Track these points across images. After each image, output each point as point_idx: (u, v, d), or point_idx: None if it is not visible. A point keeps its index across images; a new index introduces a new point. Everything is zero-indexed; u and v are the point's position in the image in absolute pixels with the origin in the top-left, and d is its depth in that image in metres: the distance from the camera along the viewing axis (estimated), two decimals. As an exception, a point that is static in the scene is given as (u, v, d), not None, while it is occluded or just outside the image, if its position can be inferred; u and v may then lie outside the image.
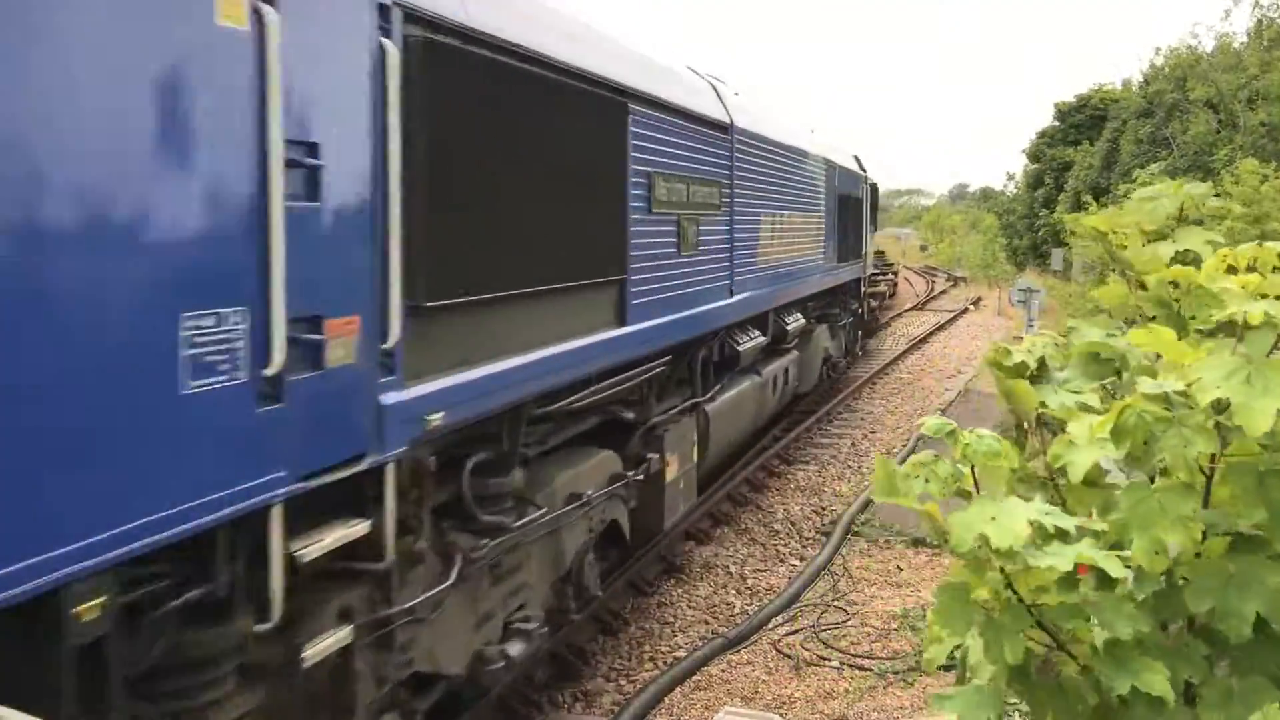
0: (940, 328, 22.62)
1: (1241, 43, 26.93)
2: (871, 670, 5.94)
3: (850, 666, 6.01)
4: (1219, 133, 25.26)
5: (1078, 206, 28.01)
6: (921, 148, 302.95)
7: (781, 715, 5.37)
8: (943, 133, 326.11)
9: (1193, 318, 1.67)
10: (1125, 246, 2.12)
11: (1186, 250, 2.03)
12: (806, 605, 6.98)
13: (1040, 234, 36.68)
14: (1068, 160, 35.18)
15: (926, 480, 1.68)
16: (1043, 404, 1.83)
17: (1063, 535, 1.56)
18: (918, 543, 7.99)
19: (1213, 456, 1.59)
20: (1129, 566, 1.58)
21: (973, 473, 1.65)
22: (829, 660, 6.11)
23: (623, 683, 5.94)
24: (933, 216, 68.57)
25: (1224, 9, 36.63)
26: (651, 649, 6.37)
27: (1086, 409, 1.80)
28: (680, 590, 7.30)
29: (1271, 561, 1.57)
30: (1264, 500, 1.56)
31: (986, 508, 1.58)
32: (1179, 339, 1.82)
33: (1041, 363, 1.98)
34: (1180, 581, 1.61)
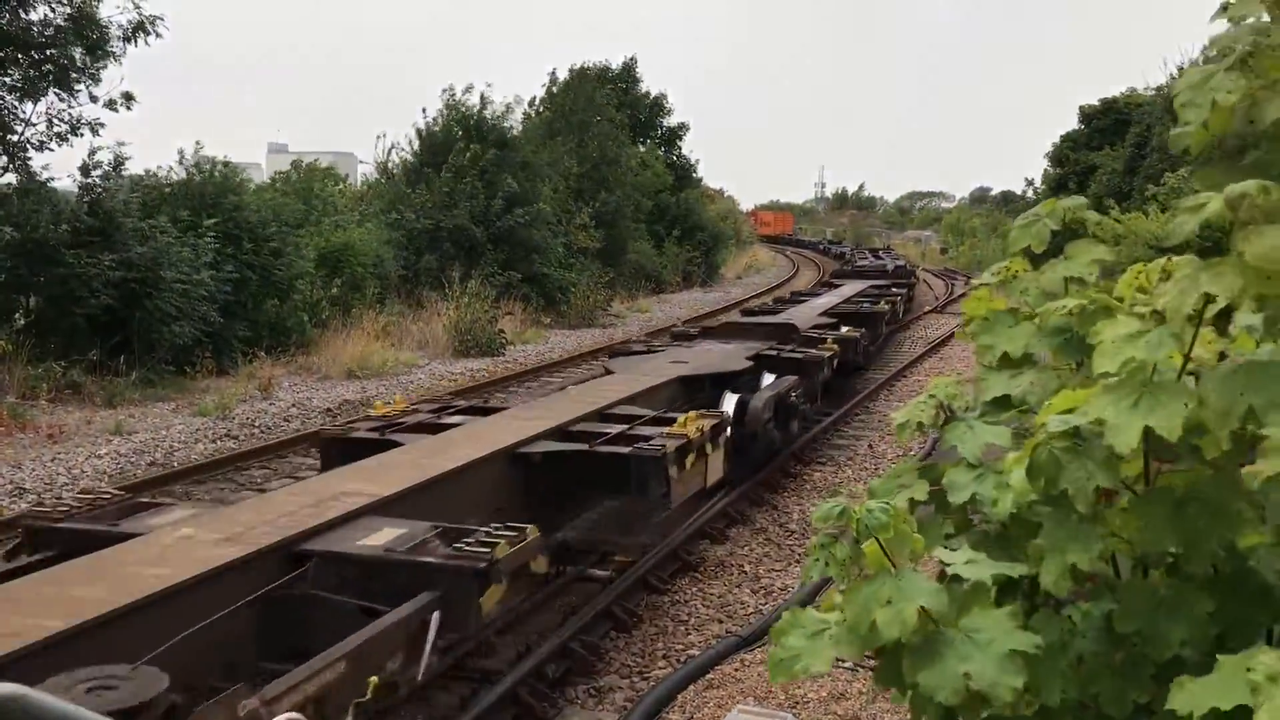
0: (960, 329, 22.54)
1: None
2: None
3: (864, 668, 6.00)
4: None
5: (1100, 211, 27.87)
6: (943, 150, 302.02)
7: (795, 715, 5.37)
8: (965, 135, 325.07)
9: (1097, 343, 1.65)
10: (1016, 275, 2.11)
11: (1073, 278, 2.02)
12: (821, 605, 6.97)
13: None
14: (1092, 164, 34.95)
15: (826, 564, 1.66)
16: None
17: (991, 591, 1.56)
18: None
19: (1146, 482, 1.59)
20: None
21: (879, 544, 1.62)
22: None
23: (636, 679, 5.95)
24: (953, 219, 68.25)
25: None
26: (665, 646, 6.38)
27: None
28: (694, 588, 7.31)
29: (1199, 589, 1.57)
30: (1176, 529, 1.55)
31: (884, 587, 1.56)
32: (1081, 365, 1.82)
33: (949, 408, 1.98)
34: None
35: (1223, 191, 1.46)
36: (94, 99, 14.69)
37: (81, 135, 14.69)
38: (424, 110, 26.07)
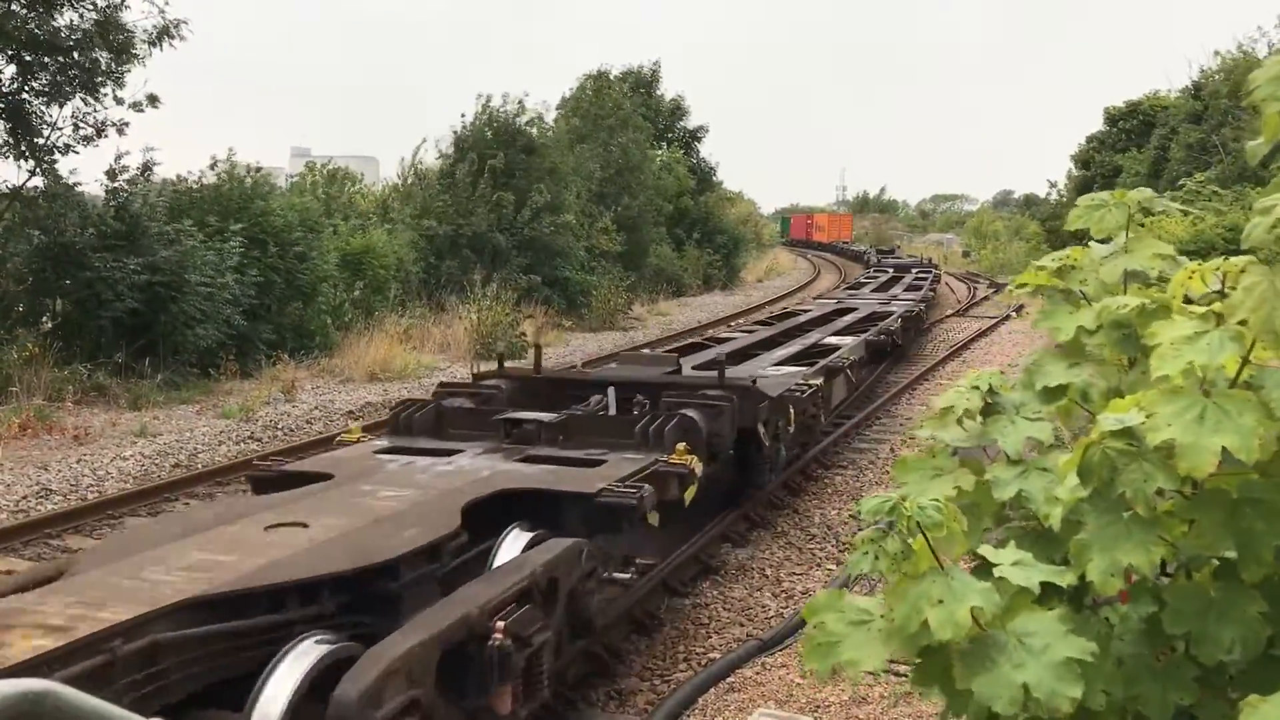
0: (982, 334, 22.40)
1: None
2: (907, 676, 5.89)
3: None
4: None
5: None
6: (966, 153, 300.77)
7: (815, 719, 5.35)
8: (988, 138, 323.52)
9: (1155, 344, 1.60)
10: (1075, 266, 2.07)
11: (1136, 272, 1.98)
12: (842, 610, 6.94)
13: (1086, 242, 36.14)
14: (1118, 166, 34.70)
15: (876, 557, 1.62)
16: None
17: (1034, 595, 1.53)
18: None
19: (1194, 484, 1.54)
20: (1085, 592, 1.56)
21: (927, 542, 1.58)
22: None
23: (657, 683, 5.95)
24: (975, 222, 67.92)
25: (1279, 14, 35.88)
26: (686, 650, 6.38)
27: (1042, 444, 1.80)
28: (715, 592, 7.30)
29: (1253, 590, 1.53)
30: (1233, 531, 1.51)
31: (935, 586, 1.54)
32: (1134, 364, 1.78)
33: (990, 392, 1.94)
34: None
35: None
36: (119, 101, 14.85)
37: (107, 137, 14.85)
38: (462, 115, 26.22)
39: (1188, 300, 1.82)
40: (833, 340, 13.28)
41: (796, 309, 19.29)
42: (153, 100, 15.12)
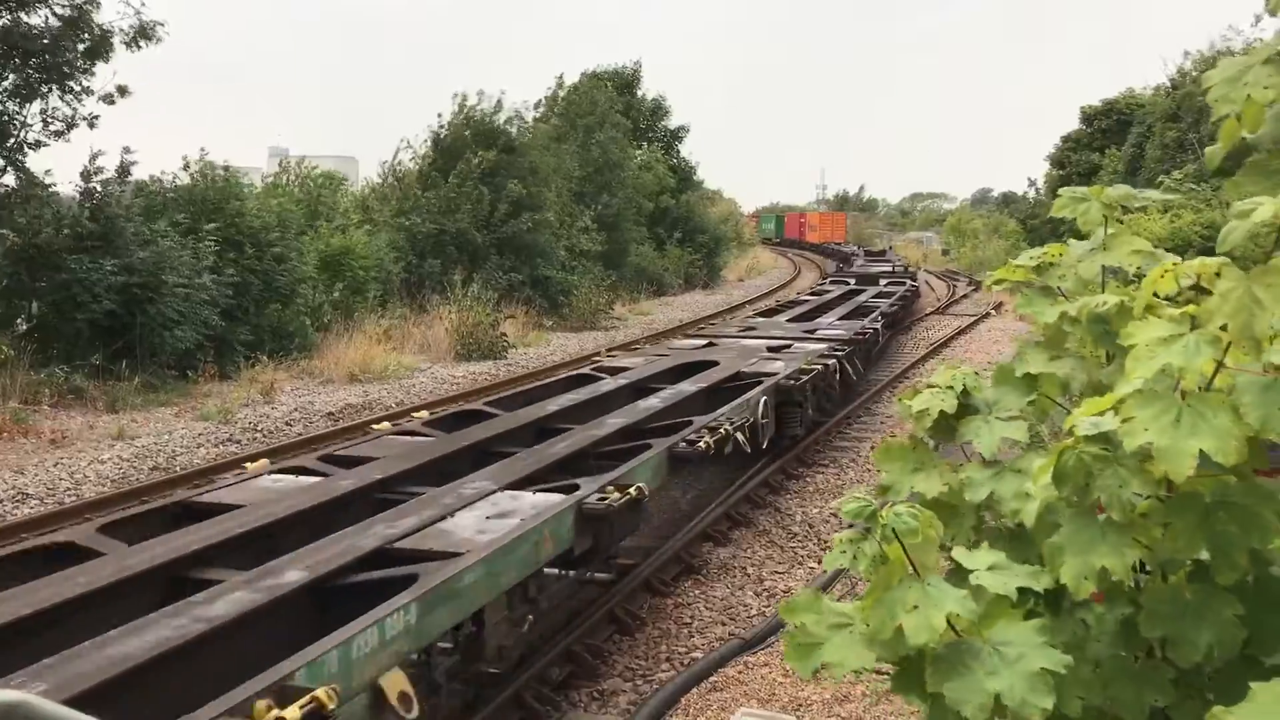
0: (961, 332, 22.51)
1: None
2: (889, 674, 5.91)
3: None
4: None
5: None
6: (945, 151, 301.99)
7: (798, 718, 5.36)
8: (967, 136, 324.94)
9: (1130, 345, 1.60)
10: (1053, 263, 2.08)
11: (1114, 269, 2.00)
12: (824, 608, 6.95)
13: (1064, 239, 36.28)
14: (1095, 165, 34.91)
15: (854, 558, 1.62)
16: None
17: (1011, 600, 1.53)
18: None
19: (1169, 486, 1.54)
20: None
21: (903, 548, 1.58)
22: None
23: (639, 682, 5.95)
24: (954, 220, 68.17)
25: (1254, 14, 36.14)
26: (668, 649, 6.38)
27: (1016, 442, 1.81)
28: (698, 591, 7.31)
29: (1226, 593, 1.53)
30: (1207, 534, 1.51)
31: (910, 593, 1.53)
32: (1111, 360, 1.78)
33: (965, 393, 1.94)
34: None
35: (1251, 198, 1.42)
36: (90, 91, 14.71)
37: (77, 127, 14.70)
38: (439, 115, 26.12)
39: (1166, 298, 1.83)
40: (509, 502, 5.57)
41: (606, 367, 10.78)
42: (122, 91, 14.99)
